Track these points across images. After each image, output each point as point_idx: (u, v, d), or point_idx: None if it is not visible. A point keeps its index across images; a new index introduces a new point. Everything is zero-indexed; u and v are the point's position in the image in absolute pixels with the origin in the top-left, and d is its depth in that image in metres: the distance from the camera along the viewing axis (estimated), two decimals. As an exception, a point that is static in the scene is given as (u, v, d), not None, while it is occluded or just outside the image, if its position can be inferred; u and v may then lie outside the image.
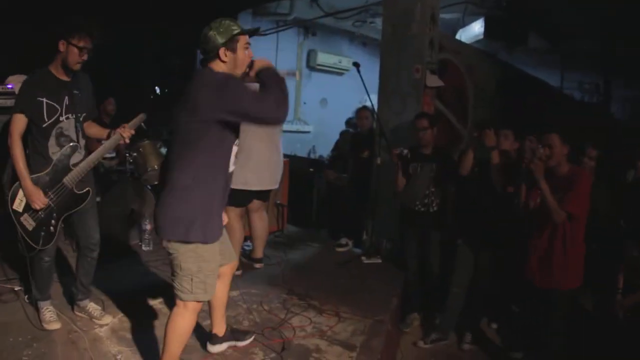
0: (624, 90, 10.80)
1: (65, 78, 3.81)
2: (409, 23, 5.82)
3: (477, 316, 4.76)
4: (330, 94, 10.30)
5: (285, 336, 3.94)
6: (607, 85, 10.10)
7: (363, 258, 5.70)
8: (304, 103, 10.35)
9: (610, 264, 4.00)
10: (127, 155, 6.34)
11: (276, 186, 5.23)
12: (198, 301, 3.01)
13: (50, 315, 4.11)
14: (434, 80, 5.85)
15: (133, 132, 3.97)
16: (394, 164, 5.13)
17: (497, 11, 6.99)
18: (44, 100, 3.75)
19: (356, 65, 5.82)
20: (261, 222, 5.42)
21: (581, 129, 3.96)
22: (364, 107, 6.55)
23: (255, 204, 5.26)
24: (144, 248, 6.00)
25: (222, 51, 2.87)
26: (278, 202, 6.75)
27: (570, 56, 8.98)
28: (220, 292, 3.47)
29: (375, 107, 6.03)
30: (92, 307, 4.29)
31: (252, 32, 3.00)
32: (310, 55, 10.22)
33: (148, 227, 6.06)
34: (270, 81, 2.85)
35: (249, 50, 2.95)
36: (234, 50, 2.89)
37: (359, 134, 6.70)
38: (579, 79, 10.83)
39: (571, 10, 6.67)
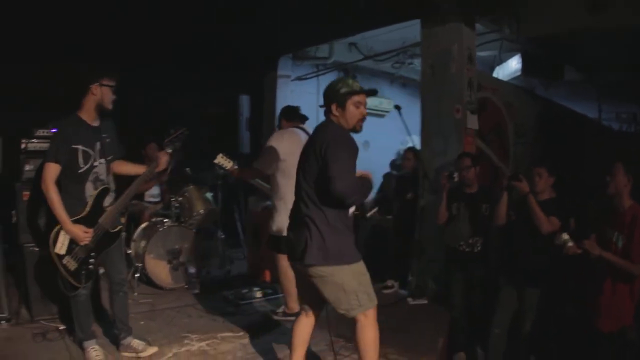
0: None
1: (95, 124, 4.01)
2: (447, 63, 5.89)
3: (523, 356, 4.65)
4: (372, 136, 10.32)
5: (333, 379, 3.88)
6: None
7: (409, 299, 5.70)
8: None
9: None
10: (173, 199, 6.49)
11: None
12: (368, 310, 3.43)
13: (96, 355, 4.18)
14: (473, 121, 5.88)
15: (167, 156, 4.22)
16: (439, 199, 5.17)
17: (533, 46, 6.98)
18: (80, 147, 3.90)
19: (398, 108, 5.88)
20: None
21: (621, 158, 3.92)
22: (409, 149, 6.61)
23: None
24: (190, 291, 6.06)
25: (333, 106, 3.36)
26: (324, 245, 6.77)
27: (606, 87, 8.87)
28: (307, 332, 3.83)
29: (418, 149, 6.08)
30: (136, 342, 4.36)
31: (369, 93, 3.45)
32: (352, 98, 10.22)
33: (194, 270, 6.13)
34: (363, 187, 3.38)
35: (362, 109, 3.37)
36: (342, 106, 3.33)
37: (403, 175, 6.73)
38: (616, 109, 10.69)
39: (604, 41, 6.64)
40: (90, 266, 3.99)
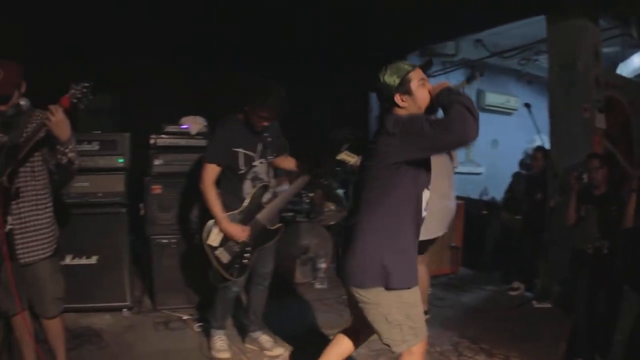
0: None
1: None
2: (573, 61, 5.74)
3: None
4: (500, 135, 10.17)
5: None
6: None
7: (534, 302, 5.62)
8: (475, 145, 10.26)
9: None
10: (303, 195, 6.49)
11: (440, 234, 5.06)
12: (412, 347, 2.86)
13: (221, 344, 4.23)
14: (601, 120, 5.70)
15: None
16: (567, 200, 5.09)
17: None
18: (240, 150, 3.93)
19: (527, 106, 5.82)
20: (422, 274, 5.06)
21: None
22: (538, 148, 6.50)
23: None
24: (317, 286, 6.14)
25: (397, 97, 2.80)
26: (452, 244, 6.81)
27: None
28: (343, 350, 3.32)
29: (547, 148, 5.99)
30: (264, 338, 4.40)
31: (424, 67, 2.90)
32: (479, 95, 10.11)
33: (323, 265, 6.19)
34: (449, 101, 2.65)
35: (427, 85, 2.82)
36: (409, 92, 2.79)
37: (532, 175, 6.64)
38: None
39: None
40: (245, 260, 4.02)
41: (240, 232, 3.92)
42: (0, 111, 3.04)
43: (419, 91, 2.79)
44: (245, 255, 4.01)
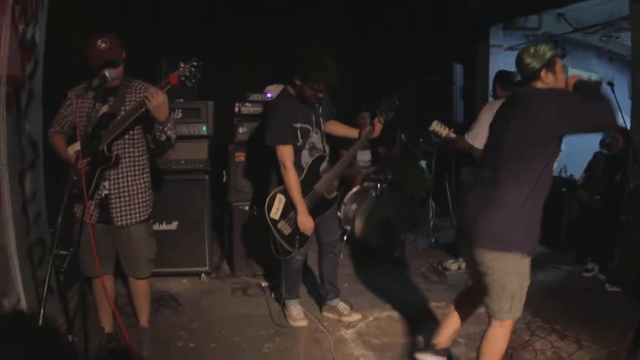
0: None
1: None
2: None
3: None
4: (581, 112, 10.02)
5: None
6: None
7: (607, 285, 5.59)
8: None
9: None
10: (387, 163, 6.61)
11: None
12: (514, 318, 3.10)
13: (297, 313, 4.45)
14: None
15: (381, 125, 4.30)
16: None
17: None
18: (298, 125, 4.09)
19: (610, 85, 5.79)
20: None
21: None
22: None
23: None
24: (397, 256, 6.22)
25: (544, 73, 3.00)
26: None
27: None
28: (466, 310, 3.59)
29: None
30: (342, 305, 4.58)
31: (563, 56, 3.13)
32: (562, 71, 9.95)
33: (403, 236, 6.27)
34: (590, 90, 2.93)
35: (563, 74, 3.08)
36: (554, 72, 3.01)
37: (613, 155, 6.60)
38: None
39: None
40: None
41: (309, 225, 4.09)
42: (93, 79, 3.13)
43: (560, 76, 3.04)
44: None
